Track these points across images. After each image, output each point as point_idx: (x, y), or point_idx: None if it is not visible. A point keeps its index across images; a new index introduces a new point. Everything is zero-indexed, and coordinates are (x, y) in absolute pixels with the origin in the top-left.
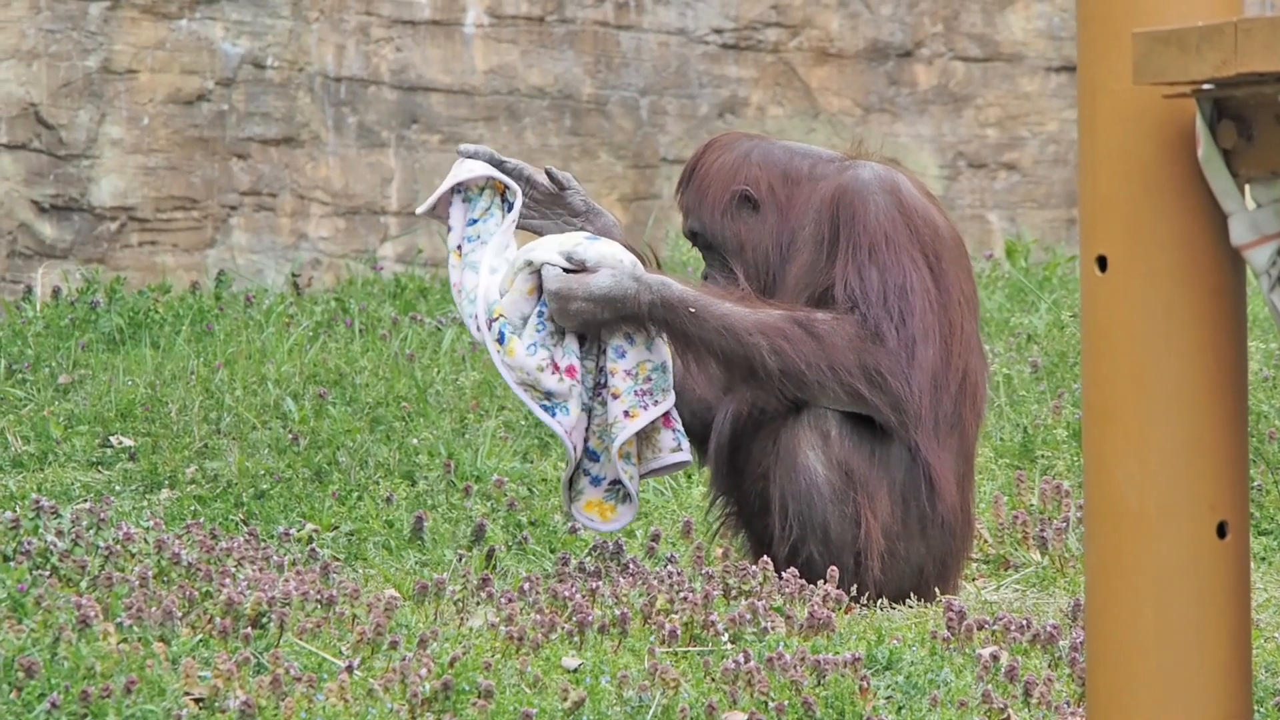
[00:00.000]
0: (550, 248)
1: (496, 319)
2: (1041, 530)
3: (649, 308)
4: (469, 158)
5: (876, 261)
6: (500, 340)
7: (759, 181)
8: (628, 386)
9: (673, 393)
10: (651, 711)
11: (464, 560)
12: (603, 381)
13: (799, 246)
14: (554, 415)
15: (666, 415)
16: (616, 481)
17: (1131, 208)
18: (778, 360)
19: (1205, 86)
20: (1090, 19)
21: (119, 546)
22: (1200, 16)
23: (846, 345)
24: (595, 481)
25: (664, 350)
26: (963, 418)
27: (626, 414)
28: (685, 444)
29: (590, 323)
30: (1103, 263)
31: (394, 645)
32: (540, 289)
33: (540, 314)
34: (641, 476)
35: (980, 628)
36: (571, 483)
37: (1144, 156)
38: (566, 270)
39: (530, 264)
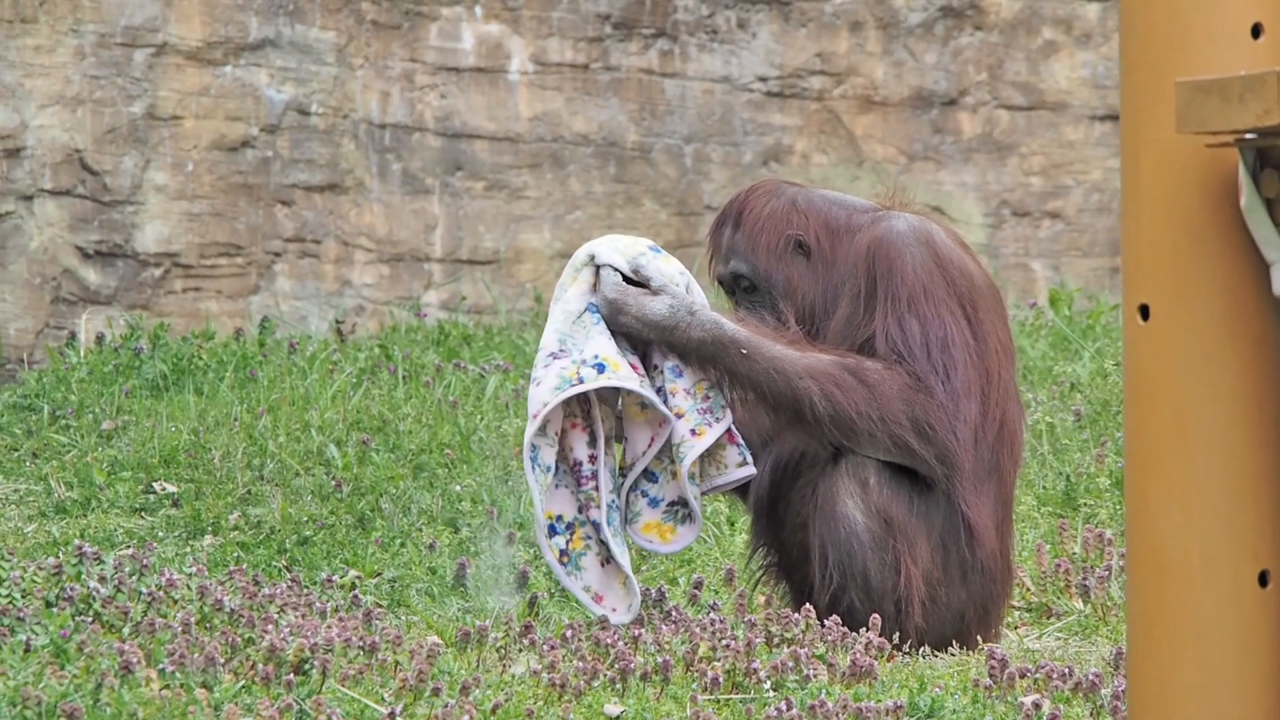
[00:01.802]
0: (614, 249)
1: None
2: (1084, 578)
3: (699, 344)
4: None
5: (916, 314)
6: (600, 370)
7: (809, 229)
8: (690, 405)
9: (729, 409)
10: None
11: (507, 607)
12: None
13: (840, 300)
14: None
15: (729, 431)
16: (675, 502)
17: (1174, 256)
18: (828, 406)
19: (1248, 136)
20: (1134, 68)
21: (162, 593)
22: (1243, 66)
23: (896, 395)
24: (654, 503)
25: None
26: (1000, 464)
27: (693, 432)
28: (749, 457)
29: (634, 338)
30: (1145, 311)
31: (436, 692)
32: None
33: (595, 308)
34: (705, 493)
35: (1022, 676)
36: (627, 504)
37: (1187, 205)
38: (627, 279)
39: (593, 258)
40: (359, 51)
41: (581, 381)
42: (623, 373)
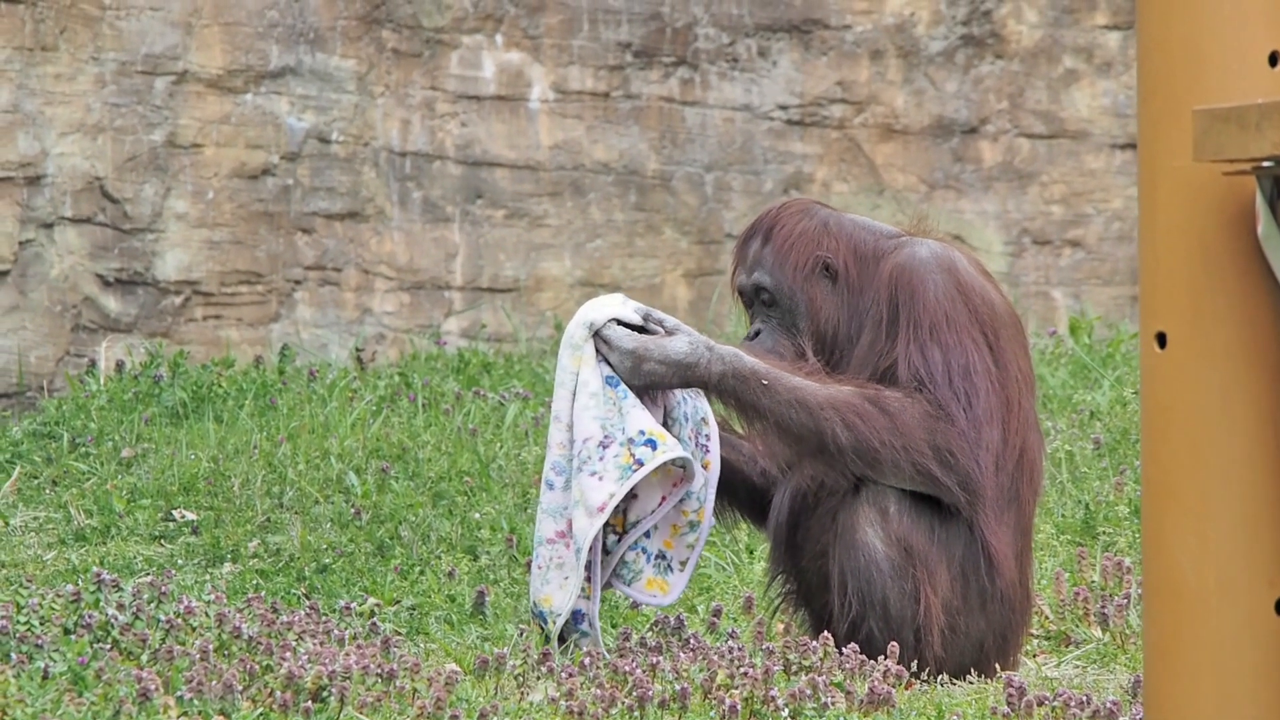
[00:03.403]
0: (609, 307)
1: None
2: (1103, 606)
3: (719, 378)
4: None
5: (938, 341)
6: (653, 446)
7: (838, 252)
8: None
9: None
10: None
11: (525, 635)
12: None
13: (865, 327)
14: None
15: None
16: (658, 555)
17: (1191, 284)
18: (850, 436)
19: (1265, 164)
20: (1151, 96)
21: (180, 620)
22: (1260, 94)
23: (918, 424)
24: (649, 558)
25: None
26: (1020, 493)
27: (703, 466)
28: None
29: (657, 385)
30: (1162, 339)
31: (454, 719)
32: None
33: (611, 380)
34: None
35: (1040, 704)
36: (625, 564)
37: (1204, 233)
38: (638, 329)
39: (591, 325)
40: (380, 80)
41: (641, 464)
42: (669, 443)
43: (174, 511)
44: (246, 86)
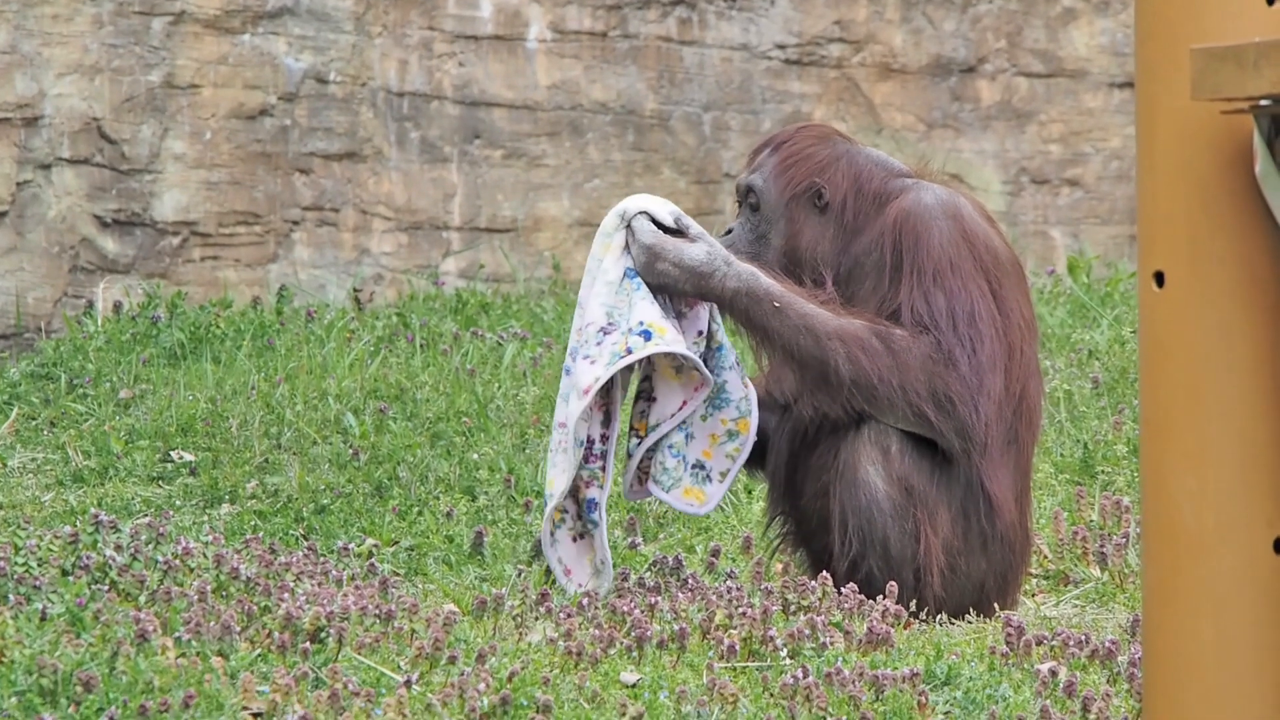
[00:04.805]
0: (648, 202)
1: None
2: (1101, 546)
3: (733, 294)
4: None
5: (943, 287)
6: (646, 337)
7: (838, 187)
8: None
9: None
10: None
11: (523, 575)
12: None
13: (866, 271)
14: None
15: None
16: (696, 464)
17: (1189, 223)
18: (851, 369)
19: (1263, 102)
20: (1149, 36)
21: (178, 561)
22: (1258, 33)
23: (919, 365)
24: (686, 465)
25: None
26: (1019, 436)
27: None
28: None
29: (668, 288)
30: (1160, 278)
31: (452, 660)
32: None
33: (631, 272)
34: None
35: (1039, 643)
36: (662, 468)
37: (1202, 172)
38: (664, 228)
39: (624, 215)
40: (377, 19)
41: (630, 352)
42: (669, 336)
43: (172, 452)
44: (244, 27)
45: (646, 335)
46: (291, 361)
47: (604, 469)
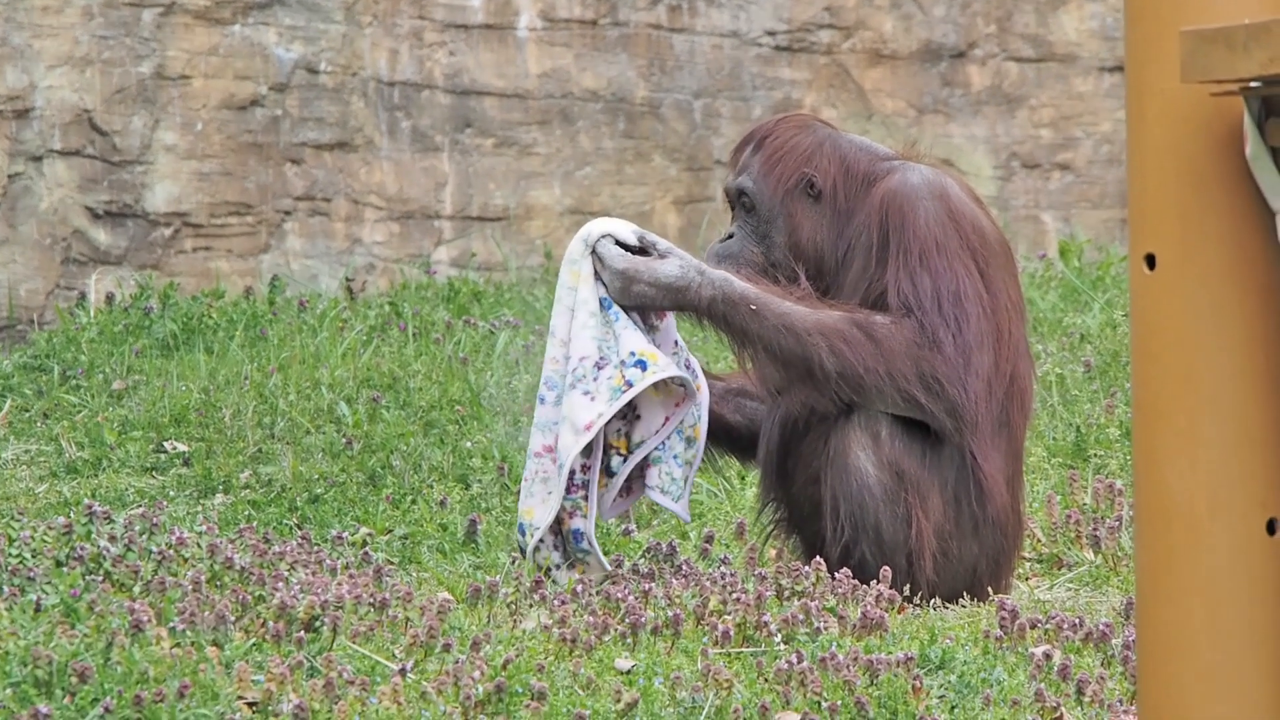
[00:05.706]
0: (610, 225)
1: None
2: (1094, 529)
3: (709, 302)
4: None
5: (928, 268)
6: (642, 367)
7: (827, 174)
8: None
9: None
10: (705, 712)
11: (517, 563)
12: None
13: (856, 253)
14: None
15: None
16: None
17: (1180, 206)
18: (836, 362)
19: (1253, 84)
20: (1138, 18)
21: (172, 551)
22: (1248, 14)
23: (904, 351)
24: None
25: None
26: (1011, 419)
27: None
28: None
29: (646, 307)
30: (1151, 261)
31: (447, 648)
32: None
33: (606, 301)
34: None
35: (1033, 626)
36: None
37: (1192, 155)
38: (630, 249)
39: (589, 240)
40: (367, 9)
41: (630, 385)
42: (661, 362)
43: (165, 443)
44: (234, 17)
45: (642, 365)
46: (284, 351)
47: (586, 498)
